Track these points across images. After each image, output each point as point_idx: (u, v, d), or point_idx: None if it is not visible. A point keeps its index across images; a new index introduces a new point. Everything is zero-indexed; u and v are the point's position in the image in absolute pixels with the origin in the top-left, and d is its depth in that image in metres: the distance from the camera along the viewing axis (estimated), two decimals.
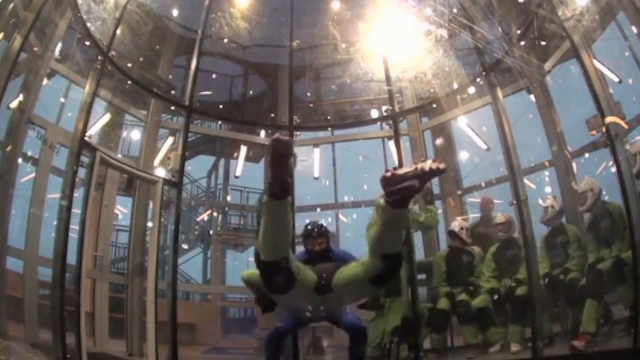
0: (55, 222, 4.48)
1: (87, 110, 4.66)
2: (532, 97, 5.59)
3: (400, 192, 1.85)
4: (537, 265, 4.63)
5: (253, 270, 2.79)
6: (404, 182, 1.84)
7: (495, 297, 4.80)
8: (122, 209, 6.14)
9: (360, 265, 2.18)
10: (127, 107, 6.08)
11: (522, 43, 5.16)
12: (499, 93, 5.22)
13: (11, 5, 4.45)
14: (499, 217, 5.20)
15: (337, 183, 7.37)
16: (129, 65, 5.76)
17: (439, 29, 5.55)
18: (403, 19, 5.80)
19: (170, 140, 6.26)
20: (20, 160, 4.75)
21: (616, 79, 4.79)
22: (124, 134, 6.67)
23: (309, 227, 3.61)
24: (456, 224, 5.38)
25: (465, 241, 5.28)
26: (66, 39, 5.03)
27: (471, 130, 6.27)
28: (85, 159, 4.69)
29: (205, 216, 9.10)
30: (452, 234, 5.37)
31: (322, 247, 3.50)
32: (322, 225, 3.63)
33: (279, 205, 1.97)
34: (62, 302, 4.11)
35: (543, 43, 5.16)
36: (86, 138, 4.66)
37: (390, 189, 1.87)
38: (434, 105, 6.06)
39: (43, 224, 4.86)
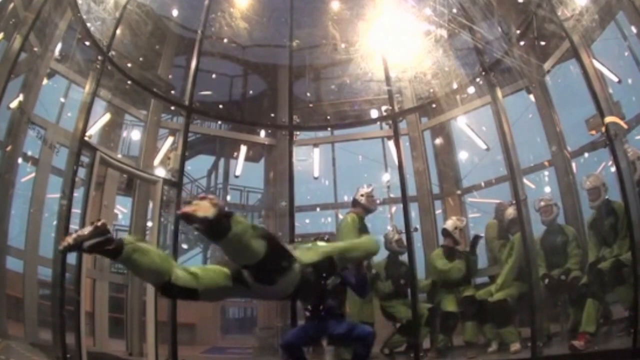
0: (55, 222, 4.48)
1: (87, 110, 4.67)
2: (531, 97, 5.59)
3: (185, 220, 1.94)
4: (537, 265, 4.66)
5: None
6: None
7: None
8: (122, 209, 6.14)
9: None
10: (127, 107, 6.07)
11: (522, 43, 5.17)
12: (499, 93, 5.23)
13: (11, 5, 4.45)
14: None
15: (336, 183, 7.37)
16: (129, 65, 5.76)
17: (438, 29, 5.56)
18: (403, 19, 5.81)
19: (170, 140, 6.26)
20: (20, 160, 4.74)
21: (615, 79, 4.80)
22: (124, 134, 6.66)
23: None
24: (450, 223, 5.39)
25: (457, 241, 5.30)
26: (66, 39, 5.03)
27: (471, 130, 6.28)
28: (85, 159, 4.69)
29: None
30: (445, 233, 5.39)
31: None
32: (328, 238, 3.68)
33: (122, 260, 2.09)
34: (62, 302, 4.12)
35: (542, 43, 5.17)
36: (86, 138, 4.66)
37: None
38: (434, 105, 6.07)
39: (43, 224, 4.85)
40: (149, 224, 5.64)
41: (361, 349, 3.58)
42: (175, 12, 6.43)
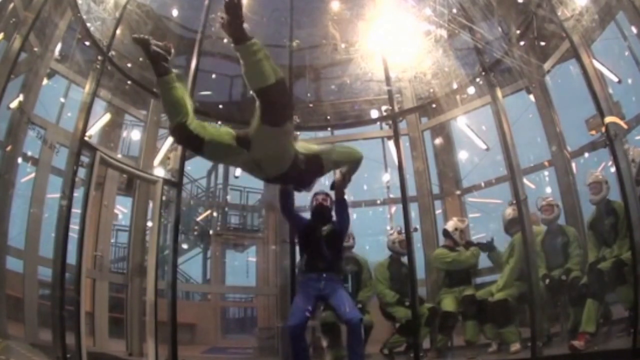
0: (55, 222, 4.48)
1: (87, 110, 4.67)
2: (531, 97, 5.60)
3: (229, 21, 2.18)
4: (536, 265, 4.65)
5: None
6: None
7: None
8: (122, 208, 6.15)
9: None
10: (127, 107, 6.08)
11: (522, 43, 5.17)
12: (499, 93, 5.23)
13: (11, 5, 4.45)
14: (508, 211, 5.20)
15: None
16: (129, 65, 5.76)
17: (438, 29, 5.56)
18: (403, 19, 5.80)
19: (170, 140, 6.26)
20: (20, 160, 4.74)
21: (615, 79, 4.79)
22: (124, 134, 6.67)
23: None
24: (451, 224, 5.40)
25: (457, 242, 5.30)
26: (66, 39, 5.03)
27: (471, 130, 6.29)
28: (85, 159, 4.69)
29: (205, 216, 9.09)
30: (445, 233, 5.41)
31: (325, 202, 4.15)
32: (327, 193, 4.25)
33: (160, 81, 2.36)
34: (62, 302, 4.11)
35: (542, 43, 5.17)
36: (86, 138, 4.66)
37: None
38: (434, 105, 6.07)
39: (43, 224, 4.85)
40: (149, 224, 5.64)
41: (353, 340, 3.63)
42: (175, 12, 6.41)
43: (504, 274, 4.85)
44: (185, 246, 8.93)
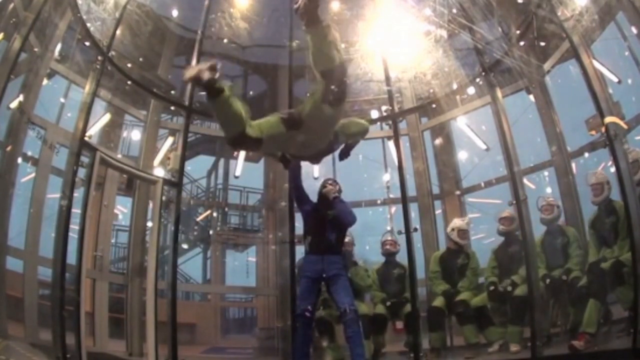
0: (55, 222, 4.49)
1: (87, 110, 4.67)
2: (531, 97, 5.60)
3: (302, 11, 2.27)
4: (536, 265, 4.65)
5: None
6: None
7: (492, 288, 4.82)
8: (122, 209, 6.15)
9: (314, 92, 2.54)
10: (127, 107, 6.08)
11: (522, 43, 5.17)
12: (499, 93, 5.23)
13: (11, 5, 4.45)
14: (503, 212, 5.18)
15: None
16: (129, 65, 5.76)
17: (438, 29, 5.57)
18: (402, 19, 5.81)
19: (170, 140, 6.27)
20: (20, 160, 4.74)
21: (615, 79, 4.79)
22: (124, 134, 6.67)
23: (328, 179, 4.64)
24: (450, 226, 5.41)
25: (457, 242, 5.26)
26: (66, 39, 5.03)
27: (471, 130, 6.29)
28: (85, 159, 4.69)
29: (205, 216, 9.09)
30: (446, 235, 5.44)
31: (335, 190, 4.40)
32: (336, 181, 4.61)
33: (215, 102, 2.33)
34: (62, 302, 4.11)
35: (542, 43, 5.17)
36: (86, 138, 4.66)
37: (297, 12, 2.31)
38: (434, 106, 6.08)
39: (43, 224, 4.86)
40: (149, 224, 5.64)
41: (350, 332, 3.77)
42: (175, 13, 6.42)
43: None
44: (185, 246, 8.92)
